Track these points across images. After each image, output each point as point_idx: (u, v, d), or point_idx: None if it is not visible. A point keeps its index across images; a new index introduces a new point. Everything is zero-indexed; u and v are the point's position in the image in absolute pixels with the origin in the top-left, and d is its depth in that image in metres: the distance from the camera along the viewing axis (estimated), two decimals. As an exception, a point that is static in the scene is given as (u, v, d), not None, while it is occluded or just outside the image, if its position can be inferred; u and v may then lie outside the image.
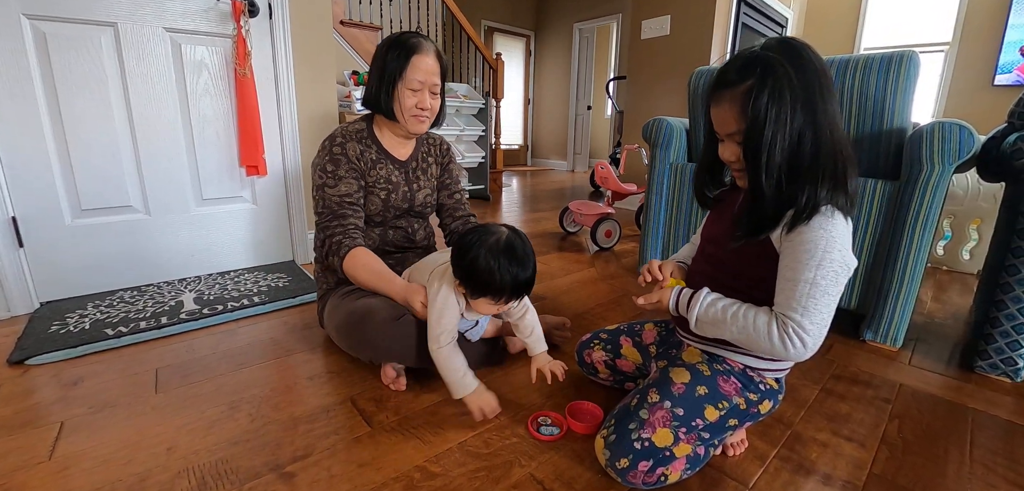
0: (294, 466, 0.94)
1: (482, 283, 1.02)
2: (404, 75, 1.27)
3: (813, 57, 0.77)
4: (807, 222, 0.76)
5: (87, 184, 1.70)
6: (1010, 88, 3.96)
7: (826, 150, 0.76)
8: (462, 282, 1.06)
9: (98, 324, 1.50)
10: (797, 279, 0.76)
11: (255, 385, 1.23)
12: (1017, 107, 1.34)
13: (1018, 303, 1.28)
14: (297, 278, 1.97)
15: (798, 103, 0.75)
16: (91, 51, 1.62)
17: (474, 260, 1.01)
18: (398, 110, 1.30)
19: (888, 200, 1.46)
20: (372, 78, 1.32)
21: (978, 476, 0.98)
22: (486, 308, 1.09)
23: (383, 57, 1.29)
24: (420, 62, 1.27)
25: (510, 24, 7.52)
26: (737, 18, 3.63)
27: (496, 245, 1.02)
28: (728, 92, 0.81)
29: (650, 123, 2.04)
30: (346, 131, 1.34)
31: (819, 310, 0.76)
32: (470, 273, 1.03)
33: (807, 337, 0.76)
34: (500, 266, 1.01)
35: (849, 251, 0.78)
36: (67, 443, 0.99)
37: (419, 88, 1.29)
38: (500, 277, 1.01)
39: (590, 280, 2.14)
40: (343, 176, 1.29)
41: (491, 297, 1.04)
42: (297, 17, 2.03)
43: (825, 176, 0.76)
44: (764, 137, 0.75)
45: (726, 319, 0.84)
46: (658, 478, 0.85)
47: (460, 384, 1.08)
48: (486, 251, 1.01)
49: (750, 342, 0.82)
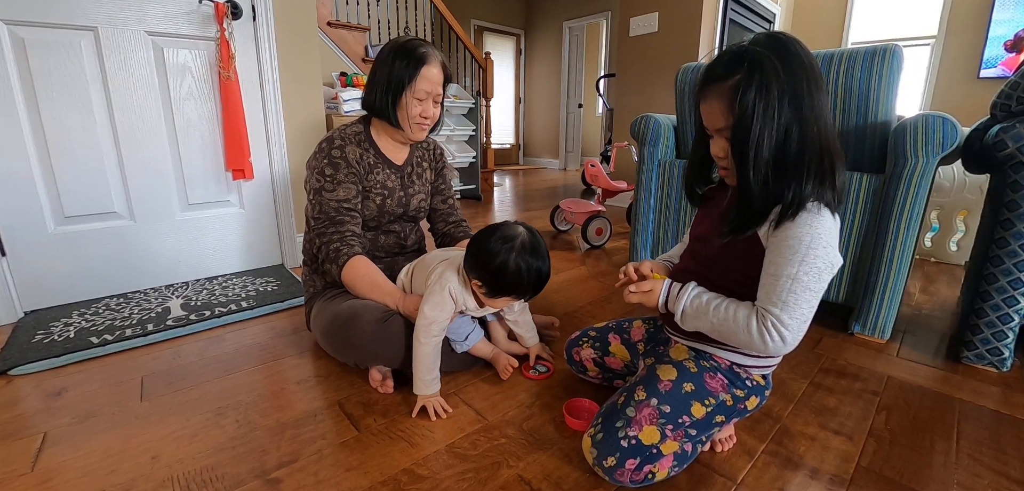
0: (280, 472, 0.93)
1: (509, 284, 1.08)
2: (412, 85, 1.26)
3: (801, 52, 0.77)
4: (793, 219, 0.76)
5: (70, 190, 1.67)
6: (995, 80, 4.01)
7: (813, 146, 0.76)
8: (484, 283, 1.09)
9: (83, 332, 1.48)
10: (780, 274, 0.76)
11: (242, 391, 1.21)
12: (999, 99, 1.35)
13: (1003, 293, 1.29)
14: (286, 282, 1.96)
15: (785, 98, 0.74)
16: (71, 56, 1.60)
17: (503, 264, 1.06)
18: (403, 118, 1.30)
19: (874, 193, 1.47)
20: (376, 83, 1.29)
21: (964, 466, 0.98)
22: (501, 304, 1.15)
23: (390, 64, 1.27)
24: (428, 72, 1.27)
25: (499, 23, 7.52)
26: (724, 14, 3.64)
27: (522, 247, 1.07)
28: (716, 88, 0.81)
29: (638, 120, 2.04)
30: (345, 134, 1.32)
31: (800, 306, 0.76)
32: (497, 275, 1.07)
33: (786, 332, 0.76)
34: (528, 266, 1.07)
35: (835, 249, 0.78)
36: (50, 454, 0.98)
37: (425, 98, 1.29)
38: (528, 277, 1.07)
39: (581, 278, 2.14)
40: (342, 180, 1.28)
41: (514, 296, 1.11)
42: (281, 19, 2.01)
43: (811, 172, 0.76)
44: (751, 133, 0.75)
45: (708, 311, 0.84)
46: (645, 476, 0.85)
47: (429, 382, 1.11)
48: (514, 254, 1.06)
49: (730, 335, 0.82)
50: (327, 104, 3.16)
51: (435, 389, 1.12)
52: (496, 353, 1.28)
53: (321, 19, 3.42)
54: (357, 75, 3.37)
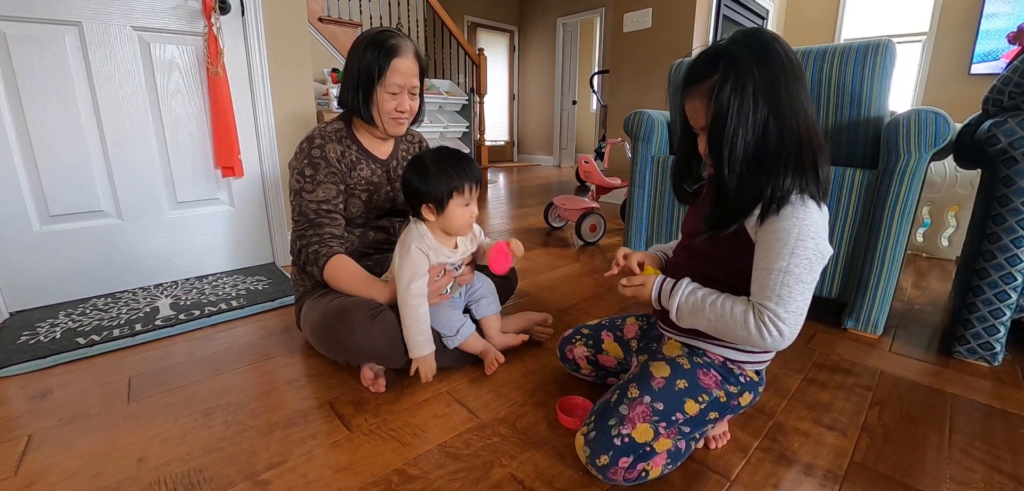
0: (269, 473, 0.91)
1: (444, 184, 1.10)
2: (383, 79, 1.22)
3: (780, 47, 0.77)
4: (778, 212, 0.76)
5: (55, 189, 1.64)
6: (986, 76, 4.03)
7: (791, 140, 0.76)
8: (426, 201, 1.12)
9: (69, 333, 1.46)
10: (771, 268, 0.77)
11: (231, 391, 1.20)
12: (991, 94, 1.36)
13: (994, 288, 1.30)
14: (277, 280, 1.94)
15: (761, 95, 0.75)
16: (55, 51, 1.57)
17: (424, 169, 1.11)
18: (376, 113, 1.27)
19: (866, 189, 1.47)
20: (347, 79, 1.26)
21: (957, 460, 0.98)
22: (460, 216, 1.13)
23: (359, 58, 1.23)
24: (400, 65, 1.23)
25: (493, 19, 7.48)
26: (718, 10, 3.64)
27: (433, 152, 1.15)
28: (697, 88, 0.82)
29: (631, 116, 2.03)
30: (325, 132, 1.30)
31: (794, 298, 0.76)
32: (430, 187, 1.10)
33: (784, 326, 0.76)
34: (442, 154, 1.14)
35: (823, 239, 0.78)
36: (34, 457, 0.96)
37: (398, 91, 1.25)
38: (448, 161, 1.12)
39: (575, 275, 2.14)
40: (322, 181, 1.25)
41: (457, 192, 1.11)
42: (271, 14, 1.99)
43: (790, 165, 0.76)
44: (727, 131, 0.76)
45: (705, 307, 0.84)
46: (639, 474, 0.84)
47: (421, 344, 1.14)
48: (427, 156, 1.14)
49: (727, 331, 0.82)
50: (318, 100, 3.13)
51: (428, 350, 1.15)
52: (486, 348, 1.27)
53: (312, 14, 3.39)
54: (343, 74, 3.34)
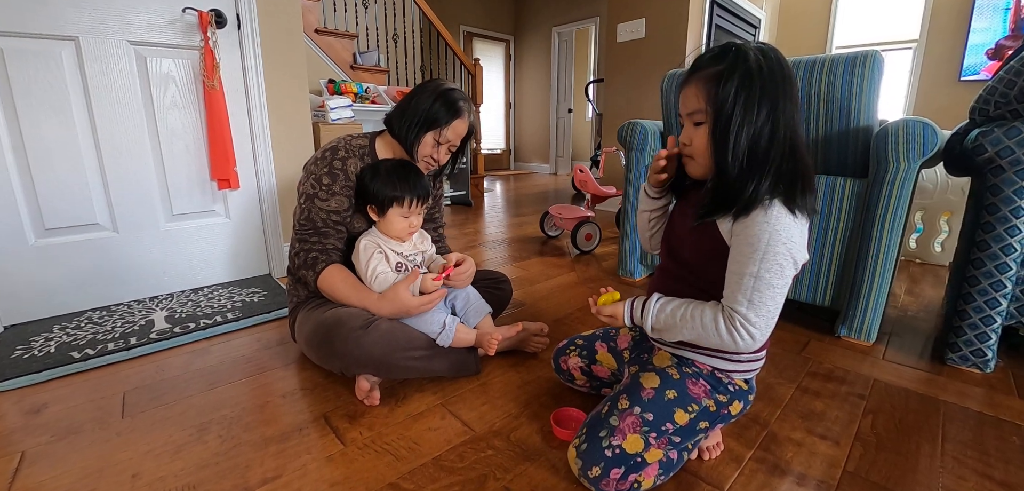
0: (263, 488, 0.91)
1: (388, 191, 1.23)
2: (442, 130, 1.31)
3: (784, 63, 0.80)
4: (748, 215, 0.78)
5: (51, 202, 1.65)
6: (976, 83, 4.07)
7: (780, 148, 0.78)
8: (373, 207, 1.26)
9: (64, 347, 1.45)
10: (742, 273, 0.78)
11: (226, 405, 1.20)
12: (978, 104, 1.37)
13: (984, 296, 1.31)
14: (273, 292, 1.94)
15: (765, 95, 0.77)
16: (52, 66, 1.58)
17: (376, 175, 1.25)
18: (416, 150, 1.33)
19: (857, 197, 1.48)
20: (409, 113, 1.31)
21: (949, 469, 0.99)
22: (397, 224, 1.27)
23: (429, 102, 1.30)
24: (458, 126, 1.33)
25: (489, 29, 7.52)
26: (710, 20, 3.67)
27: (391, 162, 1.28)
28: (699, 74, 0.83)
29: (625, 126, 2.04)
30: (349, 146, 1.32)
31: (764, 303, 0.77)
32: (376, 190, 1.24)
33: (754, 330, 0.78)
34: (400, 171, 1.25)
35: (797, 245, 0.78)
36: (27, 474, 0.96)
37: (445, 144, 1.34)
38: (402, 180, 1.24)
39: (570, 284, 2.14)
40: (337, 193, 1.28)
41: (397, 202, 1.24)
42: (267, 28, 2.00)
43: (772, 170, 0.78)
44: (733, 119, 0.77)
45: (676, 321, 0.85)
46: (631, 485, 0.84)
47: (392, 283, 1.24)
48: (385, 166, 1.26)
49: (702, 338, 0.84)
50: (314, 112, 3.14)
51: (392, 281, 1.24)
52: (480, 335, 1.29)
53: (308, 26, 3.40)
54: (345, 82, 3.35)
